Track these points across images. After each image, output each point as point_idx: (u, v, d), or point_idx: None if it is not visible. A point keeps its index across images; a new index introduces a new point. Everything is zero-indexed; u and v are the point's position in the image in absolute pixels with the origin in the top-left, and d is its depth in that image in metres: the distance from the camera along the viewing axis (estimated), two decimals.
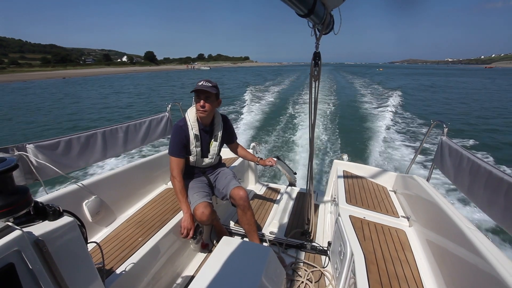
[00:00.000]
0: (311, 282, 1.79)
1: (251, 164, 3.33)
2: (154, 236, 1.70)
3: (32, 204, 0.75)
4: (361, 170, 2.88)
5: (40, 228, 0.73)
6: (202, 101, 1.81)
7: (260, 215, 2.65)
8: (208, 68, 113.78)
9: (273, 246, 2.17)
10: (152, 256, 1.62)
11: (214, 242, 2.21)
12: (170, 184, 2.53)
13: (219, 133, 2.02)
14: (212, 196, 2.07)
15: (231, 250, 1.44)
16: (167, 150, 1.97)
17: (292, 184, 3.37)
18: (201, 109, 1.83)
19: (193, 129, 1.89)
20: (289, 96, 19.19)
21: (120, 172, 2.14)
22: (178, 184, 1.86)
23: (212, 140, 2.01)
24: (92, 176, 1.96)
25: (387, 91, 22.69)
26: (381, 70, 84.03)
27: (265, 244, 2.18)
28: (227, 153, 2.99)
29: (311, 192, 2.02)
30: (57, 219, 0.78)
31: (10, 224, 0.67)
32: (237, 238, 2.19)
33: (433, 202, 1.74)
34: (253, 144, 3.39)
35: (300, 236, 2.21)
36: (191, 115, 1.91)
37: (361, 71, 70.37)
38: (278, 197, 3.04)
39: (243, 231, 2.14)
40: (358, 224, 1.87)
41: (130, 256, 1.51)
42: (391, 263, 1.53)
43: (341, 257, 1.64)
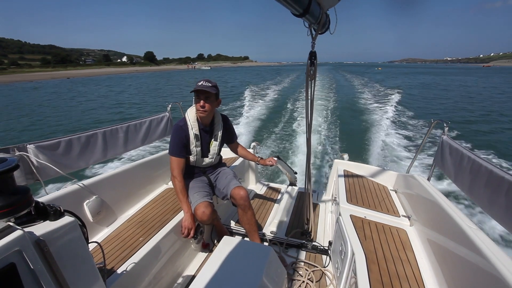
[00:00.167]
0: (312, 282, 1.79)
1: (252, 164, 3.33)
2: (155, 236, 1.70)
3: (33, 204, 0.75)
4: (362, 170, 2.88)
5: (41, 228, 0.73)
6: (202, 101, 1.81)
7: (261, 215, 2.65)
8: (209, 68, 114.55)
9: (274, 246, 2.17)
10: (153, 256, 1.62)
11: (215, 242, 2.21)
12: (171, 184, 2.53)
13: (219, 133, 2.02)
14: (213, 196, 2.07)
15: (232, 250, 1.44)
16: (168, 150, 1.97)
17: (293, 184, 3.37)
18: (201, 109, 1.83)
19: (193, 129, 1.89)
20: (289, 95, 19.20)
21: (121, 172, 2.14)
22: (179, 184, 1.87)
23: (212, 140, 2.01)
24: (93, 176, 1.96)
25: (387, 90, 22.73)
26: (380, 70, 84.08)
27: (266, 244, 2.18)
28: (228, 153, 2.99)
29: (310, 192, 2.01)
30: (58, 219, 0.78)
31: (11, 224, 0.67)
32: (238, 238, 2.19)
33: (434, 201, 1.73)
34: (254, 144, 3.39)
35: (301, 236, 2.21)
36: (191, 115, 1.91)
37: (360, 71, 70.66)
38: (279, 197, 3.04)
39: (244, 231, 2.15)
40: (359, 224, 1.87)
41: (131, 256, 1.51)
42: (392, 263, 1.52)
43: (342, 257, 1.64)
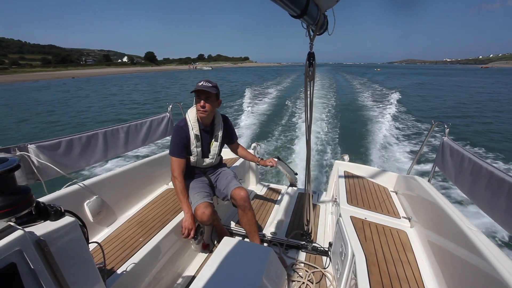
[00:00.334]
0: (312, 283, 1.79)
1: (252, 165, 3.33)
2: (155, 236, 1.70)
3: (34, 204, 0.75)
4: (362, 171, 2.88)
5: (42, 228, 0.73)
6: (203, 101, 1.81)
7: (261, 216, 2.64)
8: (210, 68, 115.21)
9: (274, 247, 2.16)
10: (153, 256, 1.62)
11: (215, 243, 2.21)
12: (171, 185, 2.53)
13: (220, 133, 2.02)
14: (213, 197, 2.07)
15: (232, 251, 1.44)
16: (168, 151, 1.97)
17: (293, 185, 3.37)
18: (202, 109, 1.83)
19: (194, 129, 1.90)
20: (289, 96, 19.22)
21: (121, 172, 2.14)
22: (179, 184, 1.87)
23: (213, 140, 2.01)
24: (94, 177, 1.96)
25: (387, 91, 22.78)
26: (379, 70, 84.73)
27: (266, 245, 2.18)
28: (228, 154, 2.98)
29: (309, 193, 2.01)
30: (59, 219, 0.78)
31: (12, 224, 0.67)
32: (238, 239, 2.19)
33: (435, 203, 1.73)
34: (254, 145, 3.39)
35: (301, 237, 2.21)
36: (192, 116, 1.92)
37: (360, 71, 71.22)
38: (279, 198, 3.04)
39: (244, 232, 2.14)
40: (359, 225, 1.87)
41: (131, 256, 1.51)
42: (393, 264, 1.52)
43: (342, 258, 1.64)
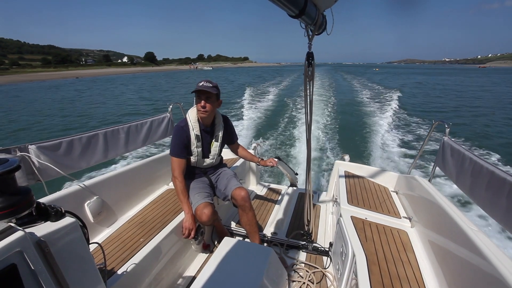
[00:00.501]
0: (313, 283, 1.78)
1: (252, 165, 3.33)
2: (156, 237, 1.70)
3: (34, 205, 0.75)
4: (363, 171, 2.88)
5: (42, 229, 0.73)
6: (203, 102, 1.81)
7: (261, 216, 2.64)
8: (210, 68, 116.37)
9: (274, 247, 2.16)
10: (154, 257, 1.62)
11: (216, 243, 2.21)
12: (172, 185, 2.53)
13: (220, 134, 2.02)
14: (214, 197, 2.07)
15: (233, 251, 1.44)
16: (169, 151, 1.97)
17: (294, 185, 3.37)
18: (202, 110, 1.83)
19: (194, 130, 1.90)
20: (289, 96, 19.22)
21: (122, 173, 2.14)
22: (180, 185, 1.87)
23: (213, 141, 2.01)
24: (94, 177, 1.96)
25: (386, 91, 22.80)
26: (377, 70, 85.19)
27: (266, 245, 2.18)
28: (228, 154, 2.98)
29: (310, 193, 2.01)
30: (59, 220, 0.78)
31: (13, 225, 0.67)
32: (238, 239, 2.19)
33: (435, 203, 1.73)
34: (254, 145, 3.39)
35: (302, 237, 2.21)
36: (192, 116, 1.92)
37: (359, 71, 71.58)
38: (279, 198, 3.04)
39: (244, 232, 2.14)
40: (360, 225, 1.87)
41: (132, 257, 1.51)
42: (393, 264, 1.52)
43: (343, 258, 1.64)
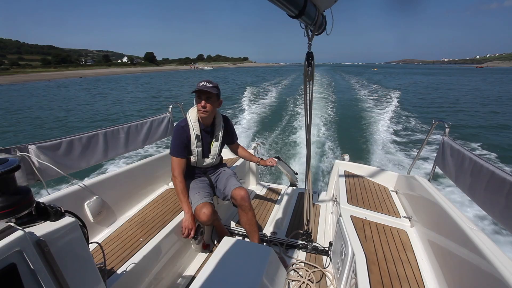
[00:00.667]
0: (312, 283, 1.79)
1: (252, 165, 3.33)
2: (156, 236, 1.70)
3: (34, 205, 0.75)
4: (362, 170, 2.88)
5: (42, 229, 0.73)
6: (203, 101, 1.81)
7: (261, 216, 2.64)
8: (211, 68, 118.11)
9: (274, 247, 2.17)
10: (154, 256, 1.62)
11: (215, 243, 2.21)
12: (172, 185, 2.54)
13: (220, 133, 2.02)
14: (213, 197, 2.07)
15: (232, 251, 1.44)
16: (169, 151, 1.97)
17: (293, 185, 3.37)
18: (202, 109, 1.83)
19: (194, 129, 1.90)
20: (289, 96, 19.22)
21: (122, 173, 2.14)
22: (180, 184, 1.87)
23: (213, 140, 2.01)
24: (94, 177, 1.97)
25: (386, 90, 22.84)
26: (376, 70, 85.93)
27: (266, 245, 2.18)
28: (228, 154, 2.98)
29: (310, 192, 2.01)
30: (59, 220, 0.78)
31: (12, 225, 0.67)
32: (238, 238, 2.19)
33: (435, 202, 1.73)
34: (254, 145, 3.39)
35: (301, 237, 2.21)
36: (192, 116, 1.92)
37: (358, 71, 72.17)
38: (279, 198, 3.04)
39: (244, 232, 2.14)
40: (360, 225, 1.87)
41: (132, 256, 1.51)
42: (393, 264, 1.52)
43: (343, 258, 1.64)
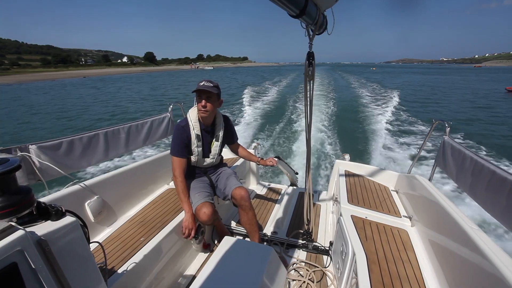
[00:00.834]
0: (313, 282, 1.79)
1: (252, 165, 3.33)
2: (156, 236, 1.70)
3: (35, 204, 0.75)
4: (363, 170, 2.88)
5: (43, 228, 0.73)
6: (204, 101, 1.81)
7: (262, 215, 2.64)
8: (211, 68, 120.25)
9: (275, 246, 2.17)
10: (154, 256, 1.62)
11: (216, 242, 2.21)
12: (172, 184, 2.54)
13: (221, 133, 2.02)
14: (214, 196, 2.07)
15: (233, 250, 1.44)
16: (169, 151, 1.97)
17: (294, 184, 3.37)
18: (203, 109, 1.83)
19: (195, 129, 1.90)
20: (289, 95, 19.23)
21: (122, 173, 2.14)
22: (180, 184, 1.87)
23: (214, 140, 2.01)
24: (95, 177, 1.97)
25: (385, 90, 22.88)
26: (375, 70, 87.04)
27: (267, 244, 2.18)
28: (228, 153, 2.98)
29: (310, 192, 2.02)
30: (60, 219, 0.78)
31: (13, 224, 0.67)
32: (239, 238, 2.19)
33: (436, 202, 1.73)
34: (255, 144, 3.39)
35: (302, 236, 2.21)
36: (193, 115, 1.92)
37: (356, 70, 73.02)
38: (280, 197, 3.04)
39: (245, 231, 2.15)
40: (360, 224, 1.87)
41: (132, 256, 1.52)
42: (393, 263, 1.52)
43: (343, 257, 1.64)
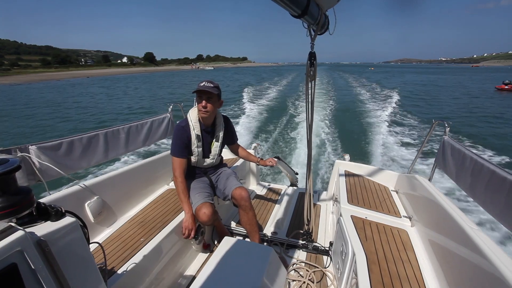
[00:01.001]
0: (313, 282, 1.79)
1: (252, 165, 3.33)
2: (156, 237, 1.70)
3: (35, 205, 0.75)
4: (363, 170, 2.88)
5: (43, 229, 0.73)
6: (204, 102, 1.81)
7: (262, 216, 2.64)
8: (212, 68, 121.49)
9: (275, 247, 2.17)
10: (154, 257, 1.62)
11: (216, 243, 2.21)
12: (172, 185, 2.54)
13: (221, 134, 2.02)
14: (214, 197, 2.07)
15: (233, 251, 1.44)
16: (169, 151, 1.97)
17: (294, 184, 3.37)
18: (203, 110, 1.83)
19: (195, 130, 1.90)
20: (289, 95, 19.24)
21: (122, 173, 2.14)
22: (180, 185, 1.87)
23: (214, 141, 2.01)
24: (95, 177, 1.97)
25: (385, 90, 22.94)
26: (372, 69, 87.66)
27: (267, 245, 2.18)
28: (228, 154, 2.98)
29: (310, 192, 2.02)
30: (60, 220, 0.78)
31: (13, 225, 0.67)
32: (239, 239, 2.19)
33: (435, 202, 1.73)
34: (255, 145, 3.39)
35: (302, 236, 2.21)
36: (193, 116, 1.92)
37: (355, 70, 73.49)
38: (279, 198, 3.04)
39: (245, 232, 2.15)
40: (360, 224, 1.87)
41: (132, 257, 1.52)
42: (393, 263, 1.52)
43: (343, 257, 1.64)
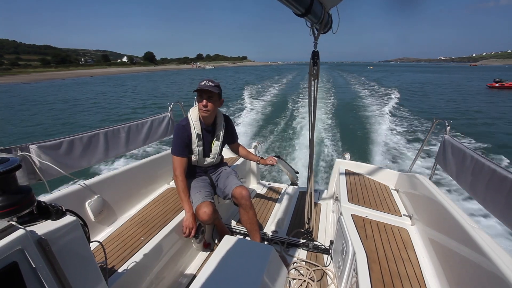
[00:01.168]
0: (313, 281, 1.79)
1: (253, 164, 3.33)
2: (157, 235, 1.70)
3: (35, 204, 0.75)
4: (363, 169, 2.88)
5: (43, 227, 0.73)
6: (205, 101, 1.81)
7: (262, 215, 2.65)
8: (212, 67, 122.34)
9: (275, 245, 2.17)
10: (155, 255, 1.62)
11: (216, 241, 2.21)
12: (172, 184, 2.54)
13: (221, 133, 2.02)
14: (214, 196, 2.07)
15: (233, 249, 1.45)
16: (170, 150, 1.97)
17: (294, 183, 3.37)
18: (204, 109, 1.83)
19: (195, 129, 1.90)
20: (290, 94, 19.22)
21: (123, 172, 2.14)
22: (181, 184, 1.87)
23: (214, 140, 2.01)
24: (95, 176, 1.97)
25: (385, 89, 22.94)
26: (372, 68, 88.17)
27: (267, 243, 2.18)
28: (228, 153, 2.98)
29: (311, 191, 2.02)
30: (60, 219, 0.78)
31: (14, 224, 0.67)
32: (239, 237, 2.19)
33: (436, 201, 1.73)
34: (255, 144, 3.39)
35: (302, 235, 2.21)
36: (194, 115, 1.92)
37: (355, 69, 73.58)
38: (280, 196, 3.04)
39: (245, 230, 2.15)
40: (360, 223, 1.87)
41: (133, 255, 1.52)
42: (394, 262, 1.52)
43: (343, 256, 1.64)
